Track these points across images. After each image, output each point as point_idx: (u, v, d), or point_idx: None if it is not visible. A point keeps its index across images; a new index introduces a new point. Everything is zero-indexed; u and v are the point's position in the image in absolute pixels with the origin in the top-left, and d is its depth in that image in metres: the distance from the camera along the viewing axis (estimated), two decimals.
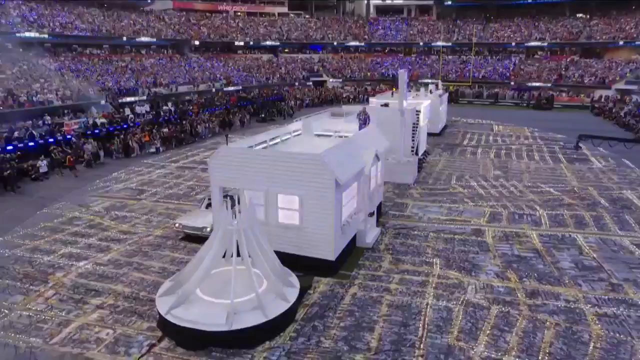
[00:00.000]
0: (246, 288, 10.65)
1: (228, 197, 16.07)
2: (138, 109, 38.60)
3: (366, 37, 79.32)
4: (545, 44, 67.95)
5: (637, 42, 59.17)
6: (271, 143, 16.13)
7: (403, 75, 21.66)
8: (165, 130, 31.37)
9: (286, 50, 78.65)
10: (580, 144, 27.78)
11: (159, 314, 10.43)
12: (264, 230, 12.94)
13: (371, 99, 30.29)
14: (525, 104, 56.27)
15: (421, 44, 78.33)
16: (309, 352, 9.79)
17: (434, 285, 12.59)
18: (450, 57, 76.21)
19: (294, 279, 11.68)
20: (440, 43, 74.96)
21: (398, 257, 14.28)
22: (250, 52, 74.62)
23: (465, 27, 76.92)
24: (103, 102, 38.87)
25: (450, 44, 75.50)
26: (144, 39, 56.94)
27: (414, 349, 9.89)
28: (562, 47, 69.08)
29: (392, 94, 38.22)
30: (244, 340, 9.86)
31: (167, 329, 10.20)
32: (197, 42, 66.07)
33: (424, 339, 10.21)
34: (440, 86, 42.50)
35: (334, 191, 12.31)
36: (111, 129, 30.34)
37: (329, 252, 12.83)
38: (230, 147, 13.94)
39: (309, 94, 58.59)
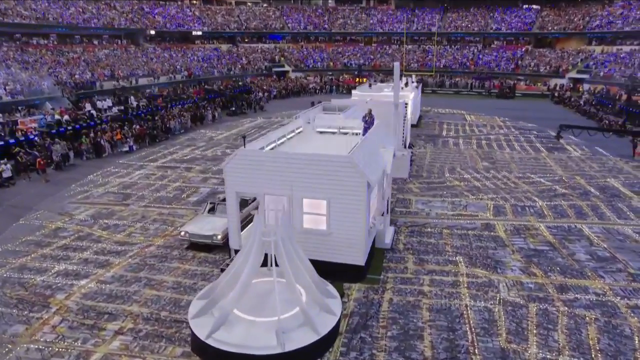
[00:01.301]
0: (286, 302, 9.96)
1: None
2: (100, 104, 36.02)
3: (326, 26, 78.61)
4: (500, 34, 70.27)
5: (587, 34, 62.49)
6: (279, 142, 15.33)
7: (398, 68, 21.30)
8: (136, 126, 29.37)
9: (245, 40, 76.51)
10: (562, 134, 28.75)
11: (195, 337, 9.53)
12: None
13: (354, 92, 29.81)
14: (488, 93, 57.88)
15: (380, 32, 78.65)
16: None
17: (465, 285, 12.44)
18: (410, 46, 77.05)
19: (331, 288, 11.12)
20: (400, 32, 75.71)
21: (421, 257, 14.02)
22: (208, 42, 71.87)
23: (424, 17, 78.06)
24: (59, 96, 35.94)
25: (409, 33, 76.12)
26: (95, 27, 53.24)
27: (470, 355, 9.65)
28: (517, 37, 71.73)
29: (370, 85, 38.18)
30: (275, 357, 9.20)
31: (208, 354, 9.34)
32: (152, 32, 62.70)
33: (476, 344, 10.00)
34: (414, 77, 42.65)
35: (365, 194, 11.78)
36: (77, 127, 27.99)
37: (360, 256, 12.34)
38: (249, 149, 13.01)
39: (275, 85, 57.28)
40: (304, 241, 12.36)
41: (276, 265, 9.92)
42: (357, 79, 68.24)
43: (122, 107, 33.75)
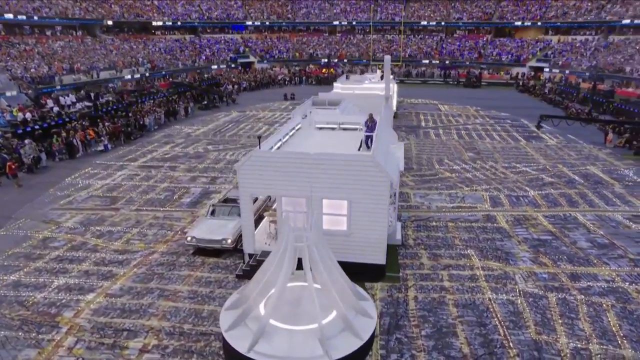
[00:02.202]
0: (321, 308, 9.72)
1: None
2: (63, 100, 33.87)
3: (290, 16, 77.50)
4: (462, 23, 71.87)
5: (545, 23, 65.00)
6: (284, 140, 14.91)
7: (389, 61, 21.25)
8: (109, 124, 27.84)
9: (208, 31, 74.23)
10: (542, 124, 29.76)
11: (233, 351, 9.12)
12: None
13: (335, 84, 29.55)
14: (455, 82, 59.13)
15: (345, 23, 78.44)
16: None
17: (483, 278, 12.65)
18: (374, 36, 77.38)
19: (362, 290, 10.96)
20: (364, 22, 75.92)
21: (434, 252, 14.13)
22: (169, 33, 69.14)
23: (387, 7, 78.50)
24: (16, 92, 33.45)
25: (373, 22, 76.33)
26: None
27: (506, 349, 9.81)
28: (478, 26, 73.58)
29: (347, 77, 37.98)
30: None
31: None
32: (109, 22, 59.48)
33: (508, 337, 10.18)
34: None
35: (388, 193, 11.67)
36: (45, 125, 26.17)
37: (381, 256, 12.27)
38: (265, 151, 12.53)
39: (244, 77, 56.02)
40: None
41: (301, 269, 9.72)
42: (324, 70, 68.12)
43: (91, 104, 31.78)
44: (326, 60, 66.59)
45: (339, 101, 21.91)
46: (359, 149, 14.01)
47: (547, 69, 56.79)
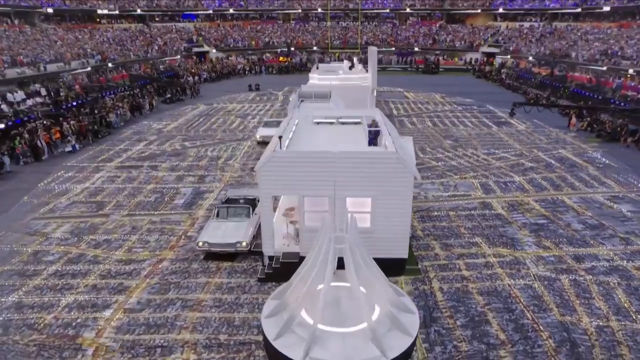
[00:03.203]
0: (356, 307, 9.77)
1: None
2: (10, 97, 31.24)
3: (242, 3, 75.47)
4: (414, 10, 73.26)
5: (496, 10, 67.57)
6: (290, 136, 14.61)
7: (374, 52, 21.29)
8: (74, 122, 26.03)
9: (156, 19, 70.81)
10: (515, 111, 30.99)
11: (284, 359, 8.97)
12: None
13: (311, 75, 29.23)
14: (414, 69, 60.29)
15: (299, 10, 77.56)
16: (459, 358, 9.56)
17: (497, 265, 13.18)
18: (329, 23, 77.14)
19: (397, 287, 11.08)
20: (318, 10, 75.46)
21: (444, 242, 14.52)
22: (116, 22, 65.25)
23: None
24: None
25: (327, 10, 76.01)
26: None
27: (538, 333, 10.33)
28: (430, 13, 75.24)
29: (317, 66, 37.67)
30: None
31: None
32: (50, 10, 55.20)
33: (537, 321, 10.71)
34: (355, 58, 42.97)
35: (412, 188, 11.81)
36: (1, 127, 24.04)
37: (404, 250, 12.45)
38: (286, 150, 12.20)
39: (203, 68, 54.14)
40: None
41: (340, 268, 9.72)
42: (281, 58, 67.22)
43: (42, 100, 29.47)
44: (286, 49, 65.57)
45: (326, 93, 21.76)
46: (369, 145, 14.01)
47: (499, 55, 59.25)
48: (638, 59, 41.51)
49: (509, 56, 57.65)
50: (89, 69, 45.89)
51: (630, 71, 37.78)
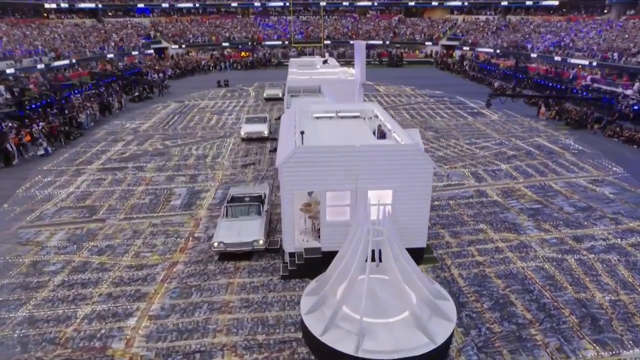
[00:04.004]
0: (402, 298, 9.97)
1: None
2: None
3: None
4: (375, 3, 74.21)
5: (448, 4, 69.58)
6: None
7: (363, 46, 21.43)
8: (44, 124, 24.50)
9: (109, 14, 67.60)
10: (491, 102, 32.02)
11: (334, 354, 8.99)
12: (349, 231, 12.14)
13: (290, 70, 28.98)
14: (378, 62, 61.08)
15: (258, 4, 76.57)
16: (493, 340, 9.95)
17: (507, 249, 13.78)
18: (291, 17, 76.68)
19: (429, 277, 11.34)
20: (277, 3, 74.87)
21: (452, 230, 14.99)
22: (65, 16, 61.66)
23: None
24: None
25: (286, 3, 75.47)
26: None
27: (560, 310, 10.93)
28: (388, 6, 76.42)
29: (293, 61, 37.35)
30: (444, 353, 9.41)
31: None
32: None
33: (557, 299, 11.33)
34: (327, 53, 43.00)
35: (431, 179, 12.11)
36: None
37: (423, 239, 12.75)
38: (308, 146, 12.08)
39: (166, 65, 52.32)
40: None
41: (376, 260, 9.89)
42: (243, 53, 66.22)
43: (12, 101, 27.55)
44: (250, 43, 64.57)
45: (316, 88, 21.74)
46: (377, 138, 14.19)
47: (458, 47, 61.26)
48: (589, 51, 44.26)
49: (467, 48, 59.75)
50: (41, 66, 43.22)
51: (585, 62, 40.19)
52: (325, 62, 36.41)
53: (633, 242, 14.09)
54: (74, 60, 47.51)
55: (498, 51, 52.15)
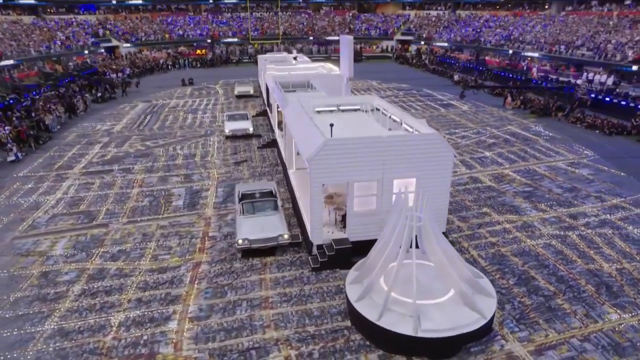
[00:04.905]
0: (436, 278, 10.46)
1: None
2: None
3: None
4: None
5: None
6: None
7: (351, 41, 21.73)
8: (10, 128, 22.81)
9: (50, 11, 63.41)
10: (465, 93, 33.31)
11: (396, 337, 9.27)
12: (375, 220, 12.53)
13: (268, 66, 28.74)
14: (337, 57, 61.54)
15: (210, 0, 74.88)
16: (528, 312, 10.66)
17: (514, 229, 14.67)
18: (243, 14, 75.64)
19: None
20: (229, 0, 73.64)
21: (459, 215, 15.71)
22: (0, 12, 57.10)
23: None
24: None
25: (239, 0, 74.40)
26: None
27: (576, 281, 11.86)
28: (341, 2, 77.28)
29: (265, 57, 36.98)
30: (489, 327, 9.95)
31: (431, 346, 9.24)
32: None
33: (572, 272, 12.27)
34: (294, 50, 42.84)
35: (452, 166, 12.66)
36: None
37: (443, 224, 13.29)
38: (337, 138, 12.18)
39: (123, 64, 49.99)
40: None
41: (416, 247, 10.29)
42: (199, 51, 64.61)
43: None
44: (209, 41, 63.06)
45: (305, 82, 21.85)
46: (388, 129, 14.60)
47: (414, 42, 63.17)
48: (537, 44, 47.21)
49: (423, 43, 61.75)
50: None
51: (536, 55, 42.85)
52: (295, 58, 36.42)
53: (621, 217, 15.45)
54: (18, 60, 44.23)
55: (453, 47, 54.33)
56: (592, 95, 29.37)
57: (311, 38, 68.87)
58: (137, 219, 15.65)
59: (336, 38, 68.10)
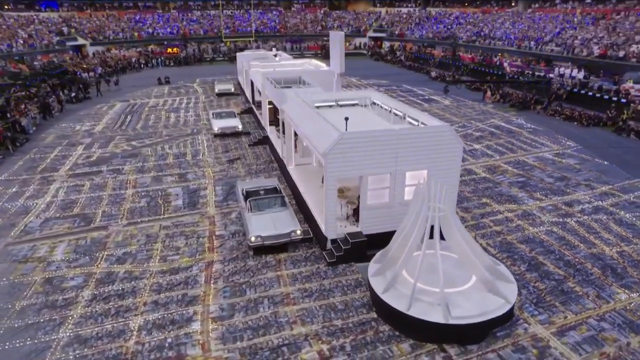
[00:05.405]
0: (457, 267, 10.68)
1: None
2: None
3: None
4: None
5: None
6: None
7: (342, 37, 21.73)
8: None
9: (7, 8, 60.31)
10: (448, 88, 33.84)
11: (428, 325, 9.39)
12: (388, 213, 12.66)
13: (252, 63, 28.36)
14: (312, 54, 61.43)
15: None
16: (544, 296, 11.01)
17: (515, 218, 15.10)
18: (213, 12, 74.43)
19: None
20: None
21: (461, 206, 16.01)
22: None
23: None
24: None
25: None
26: None
27: (583, 265, 12.35)
28: (312, 0, 77.23)
29: (241, 55, 36.47)
30: (512, 312, 10.21)
31: (462, 332, 9.41)
32: None
33: (577, 256, 12.76)
34: (274, 49, 42.53)
35: (461, 157, 12.91)
36: None
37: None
38: (352, 132, 12.15)
39: (93, 63, 48.16)
40: (405, 213, 12.69)
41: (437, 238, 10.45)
42: (171, 50, 63.05)
43: None
44: (182, 39, 61.67)
45: (296, 79, 21.74)
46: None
47: (386, 39, 63.86)
48: (507, 40, 48.70)
49: (395, 39, 62.50)
50: None
51: (512, 49, 44.15)
52: (275, 55, 36.17)
53: (612, 203, 16.17)
54: None
55: (425, 43, 55.27)
56: (568, 89, 30.56)
57: (283, 35, 68.51)
58: (137, 220, 15.16)
59: (309, 35, 68.19)
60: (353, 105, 17.74)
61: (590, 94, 29.02)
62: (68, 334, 9.95)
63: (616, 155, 21.10)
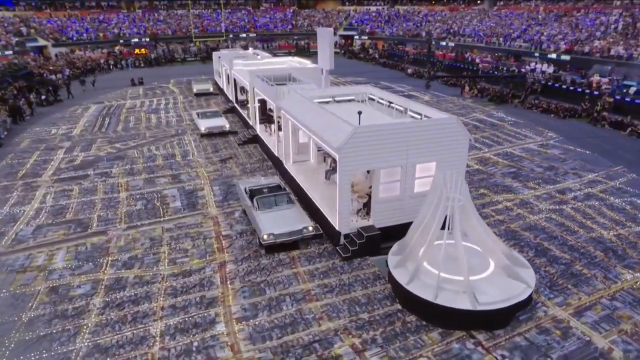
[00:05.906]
0: (476, 254, 10.91)
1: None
2: None
3: None
4: None
5: None
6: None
7: (330, 33, 21.70)
8: None
9: None
10: (430, 84, 34.26)
11: (456, 312, 9.54)
12: (400, 206, 12.80)
13: (235, 62, 27.90)
14: (287, 53, 61.15)
15: None
16: (556, 279, 11.41)
17: (515, 207, 15.55)
18: (180, 11, 72.93)
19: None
20: None
21: None
22: None
23: None
24: None
25: None
26: None
27: (586, 248, 12.86)
28: None
29: (219, 55, 35.87)
30: (531, 296, 10.50)
31: (476, 320, 9.60)
32: None
33: (578, 240, 13.28)
34: (251, 48, 41.98)
35: (467, 149, 13.17)
36: None
37: None
38: (364, 126, 12.13)
39: (59, 65, 46.10)
40: (413, 205, 12.88)
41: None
42: (138, 50, 61.28)
43: None
44: (152, 39, 60.03)
45: (286, 76, 21.60)
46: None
47: (357, 37, 64.34)
48: (477, 37, 50.07)
49: (366, 37, 63.09)
50: None
51: (481, 46, 45.39)
52: (255, 54, 35.80)
53: (601, 189, 16.92)
54: None
55: (396, 41, 56.05)
56: (543, 83, 31.72)
57: (254, 35, 67.85)
58: (137, 223, 14.64)
59: (279, 34, 67.84)
60: (349, 101, 17.77)
61: (564, 87, 30.25)
62: (86, 343, 9.49)
63: (595, 145, 22.08)
